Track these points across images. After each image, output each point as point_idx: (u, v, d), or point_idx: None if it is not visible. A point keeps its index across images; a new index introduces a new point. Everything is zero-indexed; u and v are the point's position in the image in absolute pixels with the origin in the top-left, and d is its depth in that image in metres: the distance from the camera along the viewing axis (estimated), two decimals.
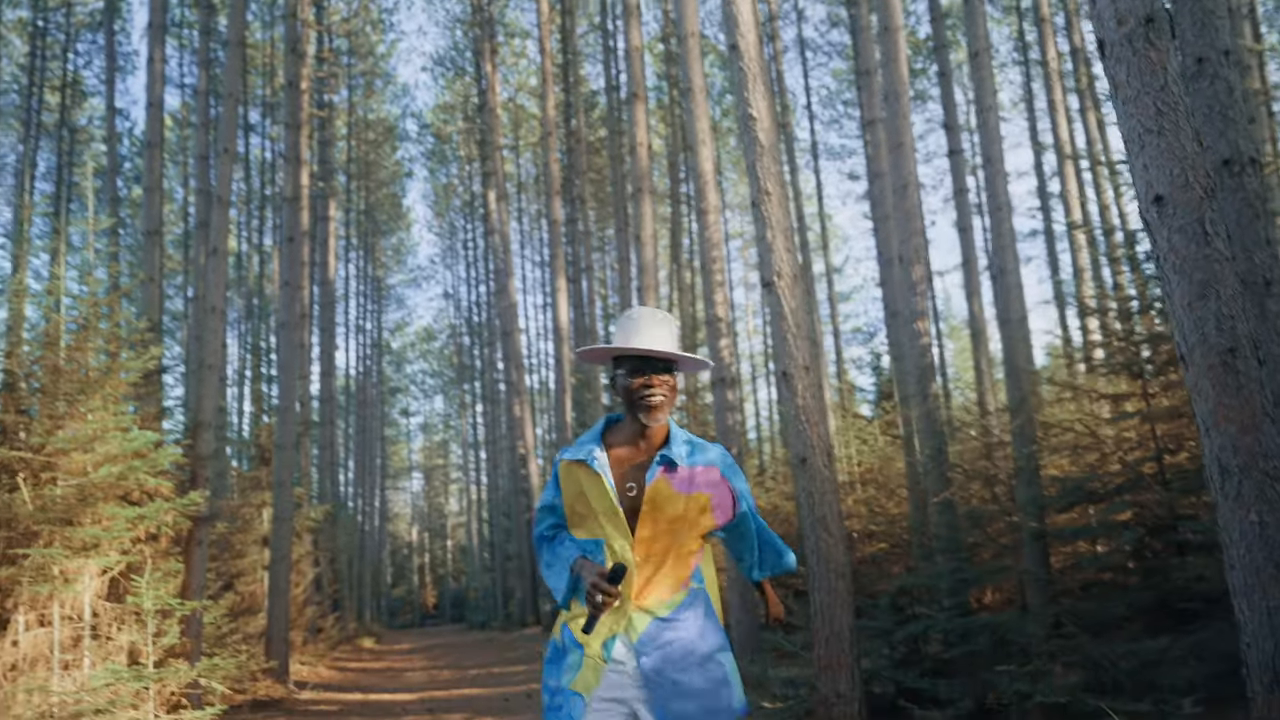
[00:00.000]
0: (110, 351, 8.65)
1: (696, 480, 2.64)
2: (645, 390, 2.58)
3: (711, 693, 2.55)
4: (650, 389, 2.58)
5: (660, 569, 2.60)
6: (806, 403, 6.15)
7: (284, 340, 13.89)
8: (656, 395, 2.59)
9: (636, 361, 2.60)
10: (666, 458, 2.62)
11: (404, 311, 56.31)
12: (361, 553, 32.19)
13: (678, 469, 2.62)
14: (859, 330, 39.86)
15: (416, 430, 56.77)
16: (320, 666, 16.13)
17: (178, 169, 30.30)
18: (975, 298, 14.15)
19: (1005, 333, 9.27)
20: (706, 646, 2.60)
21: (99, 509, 7.89)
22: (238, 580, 14.56)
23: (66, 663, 7.77)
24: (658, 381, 2.59)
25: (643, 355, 2.59)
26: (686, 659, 2.56)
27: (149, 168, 13.43)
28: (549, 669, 2.68)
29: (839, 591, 6.05)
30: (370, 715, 10.52)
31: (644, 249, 11.83)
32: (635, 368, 2.60)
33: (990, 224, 9.92)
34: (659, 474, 2.61)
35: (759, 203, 6.26)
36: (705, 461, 2.67)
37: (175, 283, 31.01)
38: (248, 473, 18.17)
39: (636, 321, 2.63)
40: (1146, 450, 8.53)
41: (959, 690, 5.94)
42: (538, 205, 36.06)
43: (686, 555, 2.64)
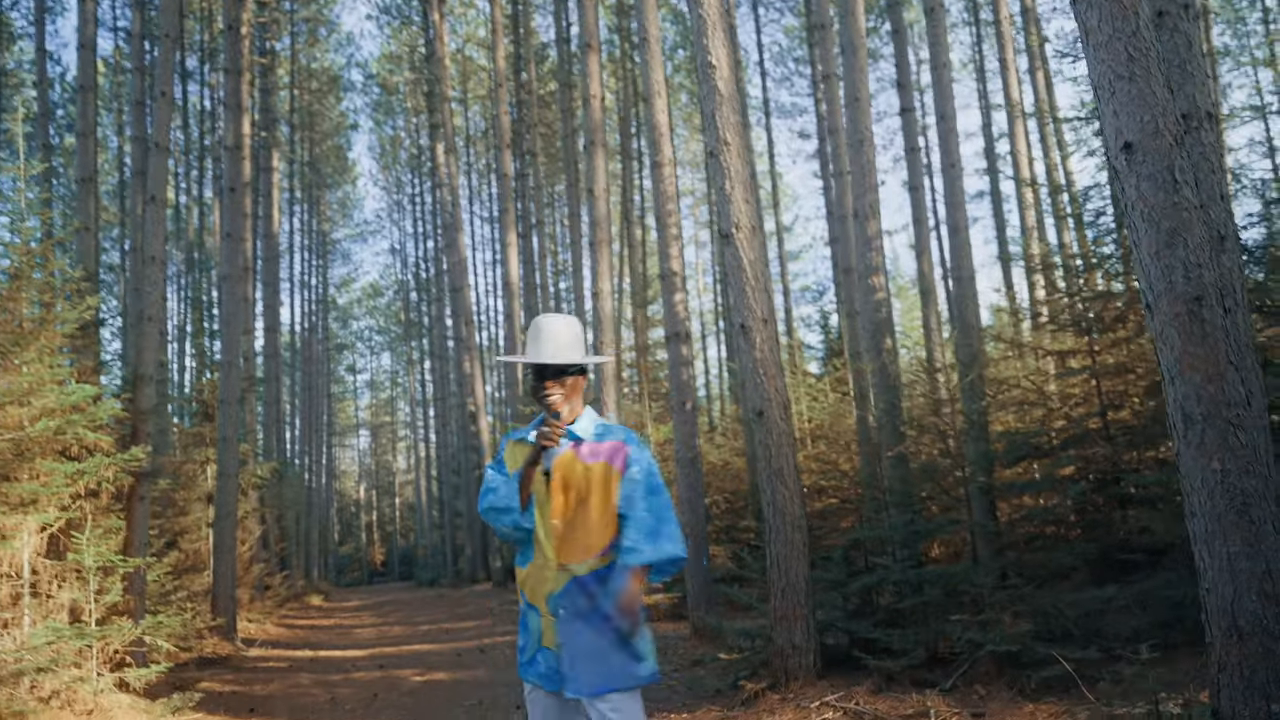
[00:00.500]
0: (45, 302, 8.33)
1: (600, 451, 3.06)
2: (543, 392, 3.06)
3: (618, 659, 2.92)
4: (546, 392, 3.05)
5: (575, 532, 2.99)
6: (764, 355, 6.12)
7: (226, 293, 13.54)
8: (553, 395, 3.05)
9: (537, 367, 3.06)
10: (572, 433, 3.08)
11: (350, 267, 55.44)
12: (309, 510, 31.84)
13: (583, 443, 3.08)
14: (808, 289, 40.19)
15: (364, 387, 56.17)
16: (268, 624, 15.96)
17: (112, 117, 29.30)
18: (925, 256, 14.24)
19: (957, 290, 9.33)
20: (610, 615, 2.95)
21: (36, 464, 7.65)
22: (182, 538, 14.29)
23: (5, 621, 7.55)
24: (551, 386, 3.05)
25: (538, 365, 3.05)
26: (599, 623, 2.95)
27: (82, 113, 12.94)
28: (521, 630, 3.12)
29: (795, 544, 6.08)
30: (320, 671, 10.43)
31: (596, 203, 11.68)
32: (537, 372, 3.07)
33: (943, 181, 9.94)
34: (566, 447, 3.07)
35: (717, 153, 6.17)
36: (611, 437, 3.10)
37: (112, 235, 30.12)
38: (191, 429, 17.78)
39: (539, 332, 3.09)
40: (1091, 406, 8.69)
41: (911, 640, 6.01)
42: (487, 159, 35.53)
43: (603, 525, 3.01)
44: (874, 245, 8.46)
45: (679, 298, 9.99)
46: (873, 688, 5.74)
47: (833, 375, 16.60)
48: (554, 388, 3.05)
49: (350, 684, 9.34)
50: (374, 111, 38.86)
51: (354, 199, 43.69)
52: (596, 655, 2.91)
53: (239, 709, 8.09)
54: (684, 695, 6.89)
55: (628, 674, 2.91)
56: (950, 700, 5.30)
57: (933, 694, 5.42)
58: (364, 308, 51.67)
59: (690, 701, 6.59)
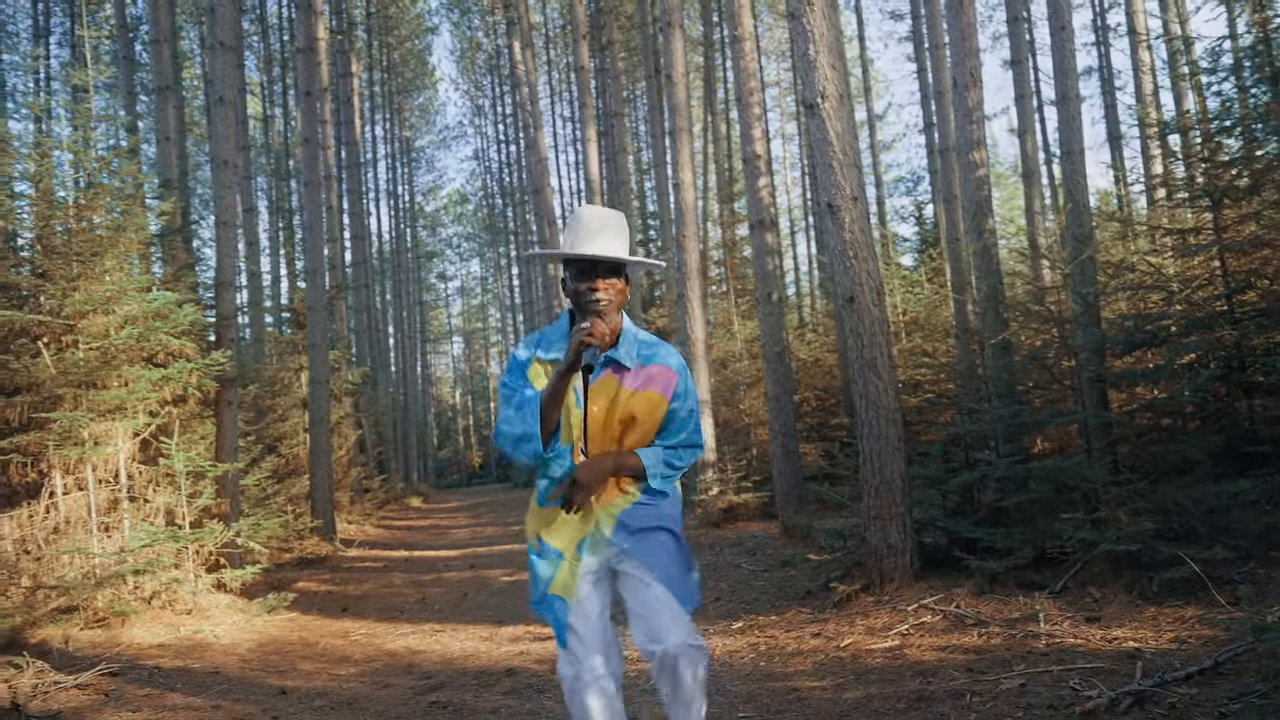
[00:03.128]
0: (122, 210, 8.28)
1: (648, 379, 2.67)
2: (591, 294, 2.59)
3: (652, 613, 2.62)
4: (595, 293, 2.59)
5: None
6: (854, 236, 5.64)
7: (308, 199, 13.45)
8: (602, 299, 2.59)
9: (584, 264, 2.61)
10: (612, 359, 2.65)
11: (435, 174, 55.69)
12: (406, 415, 32.56)
13: (627, 370, 2.66)
14: (901, 180, 38.72)
15: (455, 294, 56.82)
16: (367, 525, 16.36)
17: (197, 31, 29.34)
18: (1028, 136, 13.32)
19: (1066, 165, 8.58)
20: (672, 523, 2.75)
21: (123, 371, 7.70)
22: (281, 443, 14.62)
23: (106, 525, 7.72)
24: (603, 286, 2.60)
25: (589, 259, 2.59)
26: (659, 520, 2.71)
27: (154, 19, 12.79)
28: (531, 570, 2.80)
29: (889, 438, 5.68)
30: (413, 571, 10.56)
31: (675, 89, 11.08)
32: (582, 270, 2.61)
33: (1052, 46, 9.08)
34: (607, 372, 2.64)
35: (799, 13, 5.59)
36: (658, 360, 2.70)
37: (207, 149, 30.45)
38: (285, 337, 18.10)
39: (584, 224, 2.62)
40: (1215, 288, 7.99)
41: (1017, 539, 5.61)
42: (566, 59, 34.70)
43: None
44: (975, 117, 7.77)
45: (763, 183, 9.44)
46: (974, 590, 5.38)
47: (928, 266, 15.89)
48: (605, 289, 2.60)
49: (441, 584, 9.40)
50: (450, 12, 38.24)
51: (435, 104, 43.49)
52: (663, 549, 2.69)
53: (332, 608, 8.19)
54: (773, 597, 6.65)
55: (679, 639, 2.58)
56: (1061, 603, 4.92)
57: (1041, 596, 5.04)
58: (451, 215, 51.92)
59: (780, 603, 6.35)
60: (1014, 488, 6.23)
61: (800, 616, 5.79)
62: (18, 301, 8.17)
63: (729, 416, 13.62)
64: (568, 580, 2.69)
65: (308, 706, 4.85)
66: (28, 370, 7.33)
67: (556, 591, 2.70)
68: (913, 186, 38.21)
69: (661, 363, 2.69)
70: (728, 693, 4.35)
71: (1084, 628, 4.49)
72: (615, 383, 2.64)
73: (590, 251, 2.57)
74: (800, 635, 5.31)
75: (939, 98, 12.19)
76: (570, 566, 2.69)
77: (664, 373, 2.68)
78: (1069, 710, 3.44)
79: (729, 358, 14.52)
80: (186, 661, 6.01)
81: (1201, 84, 9.52)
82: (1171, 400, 6.71)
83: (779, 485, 9.50)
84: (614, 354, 2.65)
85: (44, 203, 8.09)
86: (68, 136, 8.19)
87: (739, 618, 6.08)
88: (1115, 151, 21.10)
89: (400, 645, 6.43)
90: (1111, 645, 4.16)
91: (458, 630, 6.81)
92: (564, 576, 2.69)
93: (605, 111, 23.53)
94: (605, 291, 2.60)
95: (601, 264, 2.60)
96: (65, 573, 7.19)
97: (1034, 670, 3.95)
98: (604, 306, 2.59)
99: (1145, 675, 3.62)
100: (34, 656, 5.65)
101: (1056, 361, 6.89)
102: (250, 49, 27.52)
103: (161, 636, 6.67)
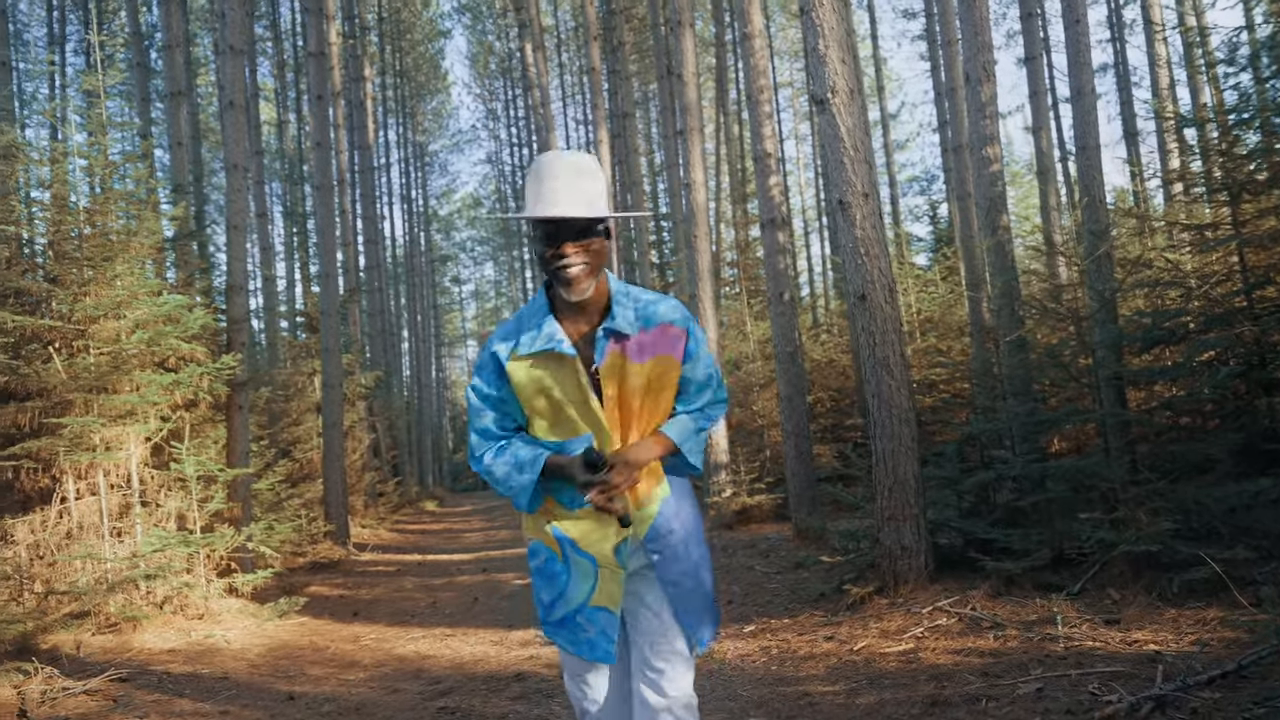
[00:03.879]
0: (135, 214, 8.29)
1: (652, 344, 2.28)
2: (558, 261, 2.15)
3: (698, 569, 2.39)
4: (563, 259, 2.15)
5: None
6: (866, 233, 5.56)
7: (320, 203, 13.46)
8: (574, 265, 2.15)
9: (549, 225, 2.15)
10: (611, 330, 2.25)
11: (449, 178, 55.75)
12: (420, 419, 32.59)
13: (628, 339, 2.26)
14: (915, 179, 38.53)
15: (469, 298, 56.87)
16: (381, 529, 16.35)
17: (210, 37, 29.46)
18: (1043, 132, 13.21)
19: (1082, 161, 8.47)
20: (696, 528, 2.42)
21: (134, 376, 7.70)
22: (295, 447, 14.63)
23: (118, 530, 7.72)
24: (571, 250, 2.15)
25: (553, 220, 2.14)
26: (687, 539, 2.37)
27: (166, 24, 12.82)
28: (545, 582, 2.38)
29: (903, 437, 5.60)
30: (426, 575, 10.53)
31: (686, 89, 11.02)
32: (548, 234, 2.15)
33: (1066, 41, 8.99)
34: (609, 350, 2.24)
35: (809, 8, 5.52)
36: (658, 319, 2.29)
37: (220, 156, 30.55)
38: (298, 341, 18.13)
39: (544, 177, 2.15)
40: (1234, 284, 7.88)
41: (1034, 540, 5.52)
42: (578, 61, 34.69)
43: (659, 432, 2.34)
44: (988, 112, 7.67)
45: (774, 181, 9.36)
46: (990, 591, 5.29)
47: (942, 265, 15.78)
48: (574, 253, 2.15)
49: (453, 588, 9.36)
50: (462, 15, 38.33)
51: (448, 108, 43.50)
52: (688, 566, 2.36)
53: (343, 613, 8.16)
54: (786, 599, 6.58)
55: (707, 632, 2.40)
56: (1079, 605, 4.83)
57: (1059, 598, 4.95)
58: (464, 218, 51.97)
59: (793, 606, 6.28)
60: (1031, 487, 6.14)
61: (813, 619, 5.71)
62: (30, 307, 8.18)
63: (742, 418, 13.54)
64: (613, 590, 2.30)
65: (315, 712, 4.81)
66: (39, 376, 7.34)
67: (601, 603, 2.31)
68: (927, 186, 38.02)
69: (663, 320, 2.30)
70: (739, 697, 4.29)
71: (1103, 630, 4.40)
72: (620, 358, 2.25)
73: (553, 212, 2.11)
74: (813, 638, 5.24)
75: (952, 95, 12.09)
76: (613, 574, 2.30)
77: (668, 331, 2.30)
78: (1088, 715, 3.35)
79: (742, 359, 14.45)
80: (196, 667, 5.99)
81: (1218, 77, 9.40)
82: (1190, 398, 6.61)
83: (792, 487, 9.42)
84: (611, 324, 2.25)
85: (58, 208, 8.11)
86: (82, 142, 8.20)
87: (751, 621, 6.01)
88: (1131, 147, 20.91)
89: (410, 650, 6.39)
90: (1131, 648, 4.07)
91: (468, 634, 6.77)
92: (608, 586, 2.30)
93: (617, 113, 23.48)
94: (576, 255, 2.15)
95: (570, 223, 2.14)
96: (77, 578, 7.19)
97: (1051, 674, 3.86)
98: (575, 274, 2.15)
99: (1166, 679, 3.54)
100: (45, 662, 5.64)
101: (1073, 359, 6.79)
102: (263, 54, 27.61)
103: (173, 641, 6.66)
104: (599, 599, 2.31)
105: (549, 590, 2.36)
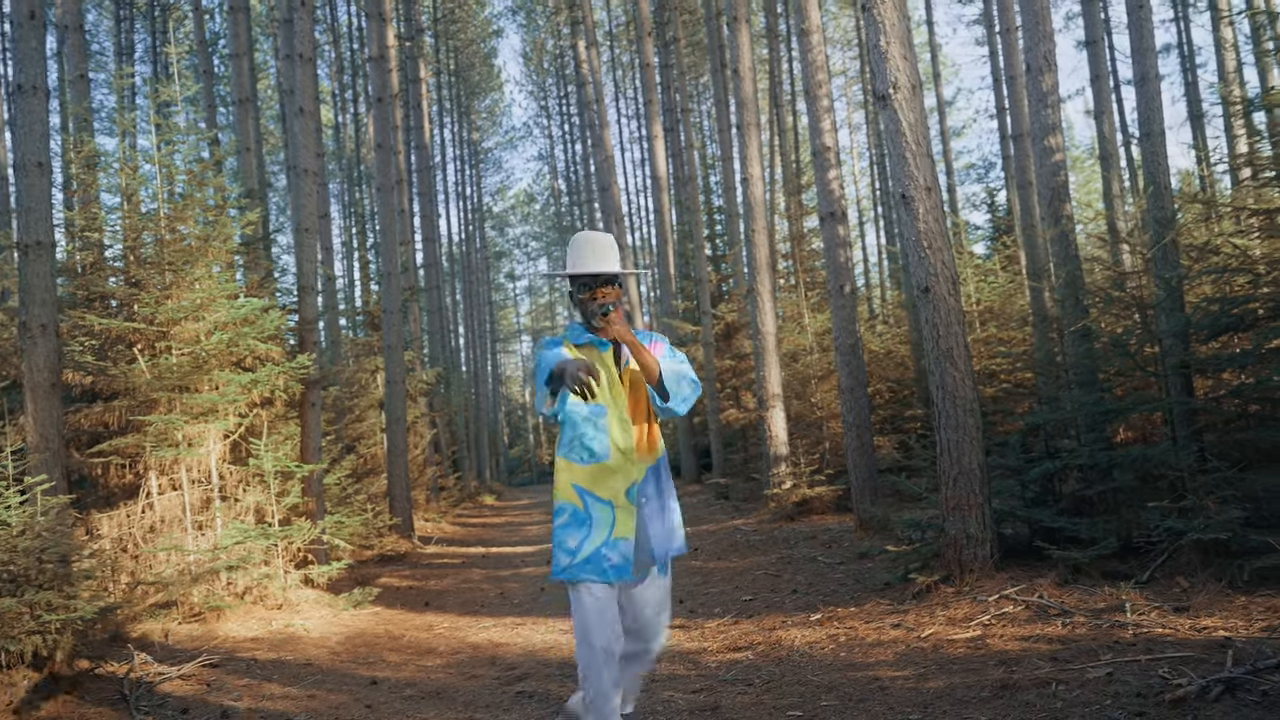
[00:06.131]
0: (209, 220, 8.60)
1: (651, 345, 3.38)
2: (593, 301, 3.27)
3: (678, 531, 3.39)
4: (596, 300, 3.26)
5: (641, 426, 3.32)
6: (929, 226, 5.61)
7: (381, 204, 13.76)
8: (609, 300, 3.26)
9: (585, 279, 3.28)
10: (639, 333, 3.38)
11: (502, 175, 56.25)
12: (478, 414, 33.02)
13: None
14: (971, 166, 38.07)
15: (523, 294, 57.37)
16: (444, 523, 16.67)
17: (271, 42, 30.13)
18: (1105, 117, 13.03)
19: (1146, 147, 8.39)
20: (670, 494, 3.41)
21: (214, 375, 7.99)
22: (359, 443, 14.98)
23: (200, 523, 8.03)
24: (601, 294, 3.27)
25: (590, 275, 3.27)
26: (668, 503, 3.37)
27: (234, 34, 13.20)
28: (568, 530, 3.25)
29: (968, 428, 5.65)
30: (491, 567, 10.76)
31: (742, 83, 11.09)
32: (584, 284, 3.29)
33: (1129, 24, 8.90)
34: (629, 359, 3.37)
35: (870, 5, 5.57)
36: (653, 339, 3.41)
37: (279, 158, 31.28)
38: (361, 339, 18.52)
39: (580, 247, 3.31)
40: None
41: (1101, 529, 5.53)
42: (630, 56, 34.82)
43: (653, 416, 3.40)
44: (1050, 101, 7.64)
45: (833, 175, 9.40)
46: (1057, 580, 5.32)
47: (1001, 254, 15.61)
48: (603, 295, 3.27)
49: (518, 579, 9.56)
50: (516, 14, 38.64)
51: (502, 106, 43.89)
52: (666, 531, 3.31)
53: (415, 603, 8.40)
54: (851, 589, 6.65)
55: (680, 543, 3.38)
56: (1148, 593, 4.85)
57: (1127, 586, 4.97)
58: (519, 215, 52.44)
59: (859, 595, 6.35)
60: (1097, 477, 6.14)
61: (879, 608, 5.78)
62: (112, 310, 8.53)
63: (801, 410, 13.57)
64: (629, 522, 3.22)
65: (398, 695, 5.00)
66: (125, 376, 7.66)
67: (621, 534, 3.20)
68: (984, 173, 37.59)
69: (654, 339, 3.41)
70: (809, 682, 4.39)
71: (1172, 617, 4.42)
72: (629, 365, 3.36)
73: (590, 269, 3.26)
74: (880, 626, 5.31)
75: (1011, 82, 11.98)
76: (626, 511, 3.22)
77: (655, 344, 3.37)
78: (1158, 698, 3.40)
79: (799, 351, 14.47)
80: (280, 654, 6.24)
81: None
82: (1260, 385, 6.53)
83: (854, 478, 9.46)
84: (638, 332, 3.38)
85: (134, 215, 8.44)
86: (155, 150, 8.51)
87: (817, 609, 6.10)
88: (1197, 131, 20.47)
89: (483, 638, 6.58)
90: (1201, 635, 4.09)
91: (538, 623, 6.94)
92: (624, 520, 3.22)
93: (670, 107, 23.58)
94: (604, 297, 3.26)
95: (600, 276, 3.26)
96: (162, 569, 7.50)
97: (1121, 659, 3.91)
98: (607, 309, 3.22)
99: (1236, 663, 3.57)
100: (137, 649, 5.92)
101: (1139, 348, 6.75)
102: (321, 58, 28.16)
103: (255, 630, 6.92)
104: (619, 531, 3.21)
105: (575, 536, 3.22)
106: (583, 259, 3.27)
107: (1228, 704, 3.25)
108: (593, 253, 3.27)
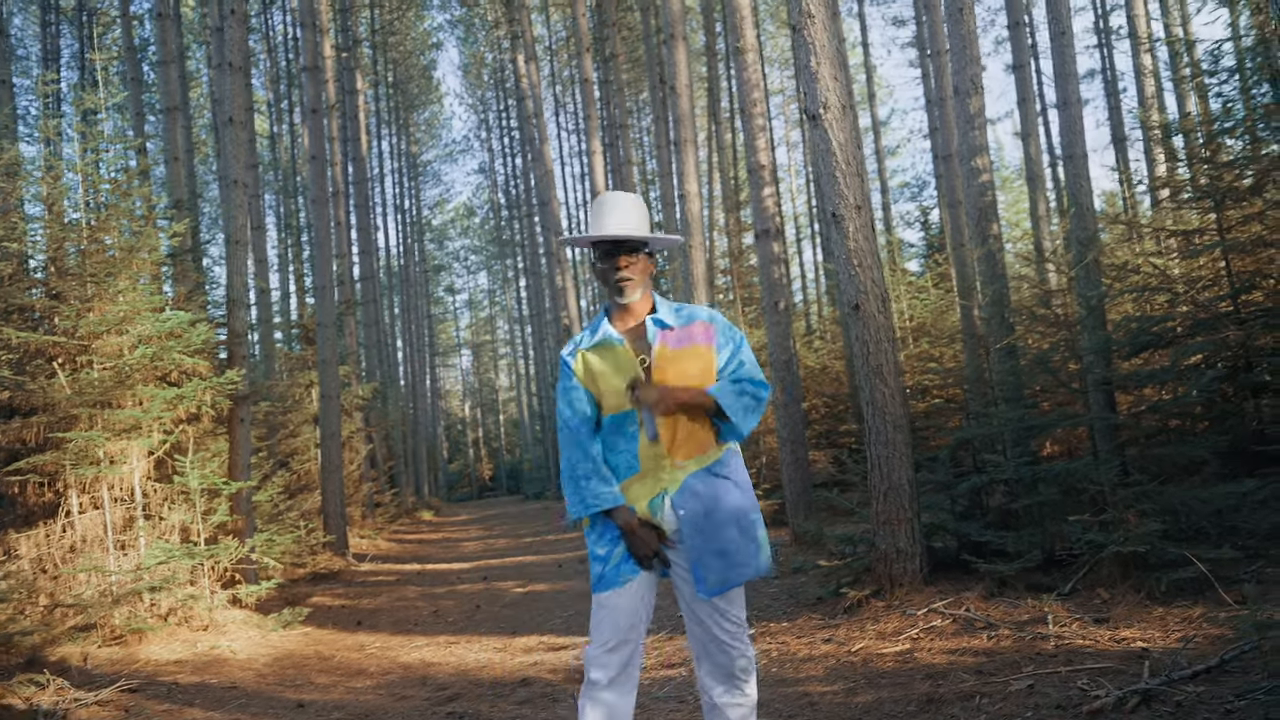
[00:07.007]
0: (134, 230, 8.39)
1: (692, 335, 2.83)
2: (616, 271, 2.81)
3: (742, 549, 2.74)
4: (619, 270, 2.80)
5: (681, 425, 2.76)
6: (859, 244, 5.70)
7: (316, 216, 13.58)
8: (627, 273, 2.81)
9: (608, 245, 2.81)
10: (657, 320, 2.84)
11: (442, 188, 55.88)
12: (415, 429, 32.65)
13: (671, 329, 2.83)
14: (906, 185, 38.80)
15: (463, 307, 56.97)
16: (379, 539, 16.43)
17: (204, 50, 29.58)
18: (1032, 139, 13.40)
19: (1069, 169, 8.63)
20: (742, 503, 2.78)
21: (137, 391, 7.78)
22: (292, 459, 14.70)
23: (122, 543, 7.80)
24: (625, 262, 2.80)
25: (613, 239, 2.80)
26: (723, 513, 2.75)
27: (161, 40, 12.94)
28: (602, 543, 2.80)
29: (897, 444, 5.73)
30: (426, 584, 10.62)
31: (679, 100, 11.16)
32: (606, 251, 2.82)
33: (1052, 51, 9.15)
34: (659, 338, 2.82)
35: (800, 26, 5.66)
36: (695, 317, 2.87)
37: (213, 168, 30.66)
38: (294, 353, 18.20)
39: (605, 207, 2.83)
40: (1220, 288, 8.02)
41: (1026, 542, 5.65)
42: (570, 71, 34.87)
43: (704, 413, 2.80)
44: (977, 124, 7.82)
45: (768, 192, 9.51)
46: (984, 593, 5.42)
47: (934, 271, 15.92)
48: (628, 264, 2.81)
49: (454, 596, 9.46)
50: (455, 27, 38.48)
51: (441, 119, 43.67)
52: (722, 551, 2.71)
53: (346, 622, 8.25)
54: (785, 603, 6.69)
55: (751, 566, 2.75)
56: (1070, 605, 4.96)
57: (1050, 598, 5.07)
58: (458, 228, 52.10)
59: (791, 609, 6.39)
60: (1023, 491, 6.27)
61: (811, 622, 5.83)
62: (32, 323, 8.27)
63: None
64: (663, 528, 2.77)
65: (325, 719, 4.90)
66: (44, 391, 7.42)
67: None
68: (918, 191, 38.32)
69: (698, 317, 2.87)
70: None
71: (1092, 629, 4.52)
72: (665, 347, 2.80)
73: (613, 233, 2.77)
74: (811, 641, 5.35)
75: (942, 104, 12.25)
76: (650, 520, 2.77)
77: (701, 326, 2.85)
78: (1077, 710, 3.47)
79: None
80: (204, 677, 6.08)
81: (1203, 85, 9.57)
82: (1178, 401, 6.74)
83: (789, 492, 9.54)
84: (656, 315, 2.84)
85: (56, 225, 8.20)
86: (79, 159, 8.29)
87: (751, 625, 6.12)
88: (1120, 154, 21.10)
89: (415, 658, 6.49)
90: (1120, 645, 4.19)
91: (471, 642, 6.87)
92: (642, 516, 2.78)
93: (610, 123, 23.65)
94: (628, 269, 2.80)
95: (624, 243, 2.80)
96: (82, 591, 7.26)
97: (1043, 671, 3.98)
98: (629, 283, 2.80)
99: (1152, 674, 3.66)
100: (53, 674, 5.72)
101: (1063, 365, 6.93)
102: (256, 67, 27.72)
103: (179, 653, 6.74)
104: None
105: (605, 546, 2.77)
106: (601, 221, 2.81)
107: (1144, 715, 3.33)
108: (613, 214, 2.80)
